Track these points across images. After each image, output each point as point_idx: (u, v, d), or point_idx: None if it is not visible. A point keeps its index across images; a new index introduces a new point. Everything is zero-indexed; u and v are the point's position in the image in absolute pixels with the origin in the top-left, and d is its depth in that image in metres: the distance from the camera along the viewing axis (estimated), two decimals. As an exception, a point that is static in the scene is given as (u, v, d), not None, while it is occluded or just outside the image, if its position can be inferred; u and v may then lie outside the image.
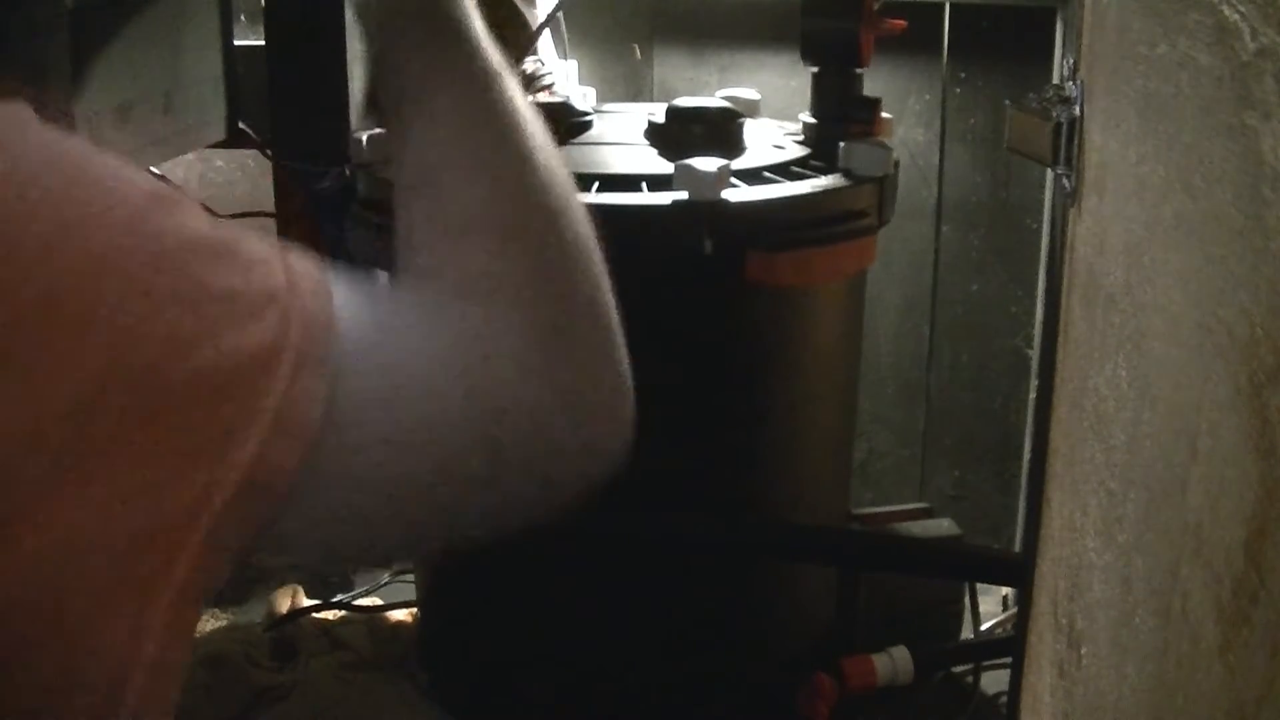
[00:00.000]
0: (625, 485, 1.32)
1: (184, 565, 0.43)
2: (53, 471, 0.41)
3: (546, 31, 1.62)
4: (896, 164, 1.28)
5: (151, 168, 1.63)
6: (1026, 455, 1.82)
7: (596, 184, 1.17)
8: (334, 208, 1.38)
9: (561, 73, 1.61)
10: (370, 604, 1.58)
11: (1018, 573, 1.18)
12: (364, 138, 1.29)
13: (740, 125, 1.30)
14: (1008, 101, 0.87)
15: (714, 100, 1.33)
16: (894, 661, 1.33)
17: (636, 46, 1.84)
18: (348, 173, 1.35)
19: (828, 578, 1.42)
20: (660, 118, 1.29)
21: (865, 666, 1.32)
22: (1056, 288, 0.86)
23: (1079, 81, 0.77)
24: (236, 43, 1.64)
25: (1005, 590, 1.64)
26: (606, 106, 1.49)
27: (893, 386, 1.89)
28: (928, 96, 1.77)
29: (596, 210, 1.20)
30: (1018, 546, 1.79)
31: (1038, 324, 1.79)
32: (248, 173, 2.03)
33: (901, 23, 1.30)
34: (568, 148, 1.29)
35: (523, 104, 0.60)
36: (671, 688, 1.29)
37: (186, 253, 0.46)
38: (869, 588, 1.43)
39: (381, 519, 0.50)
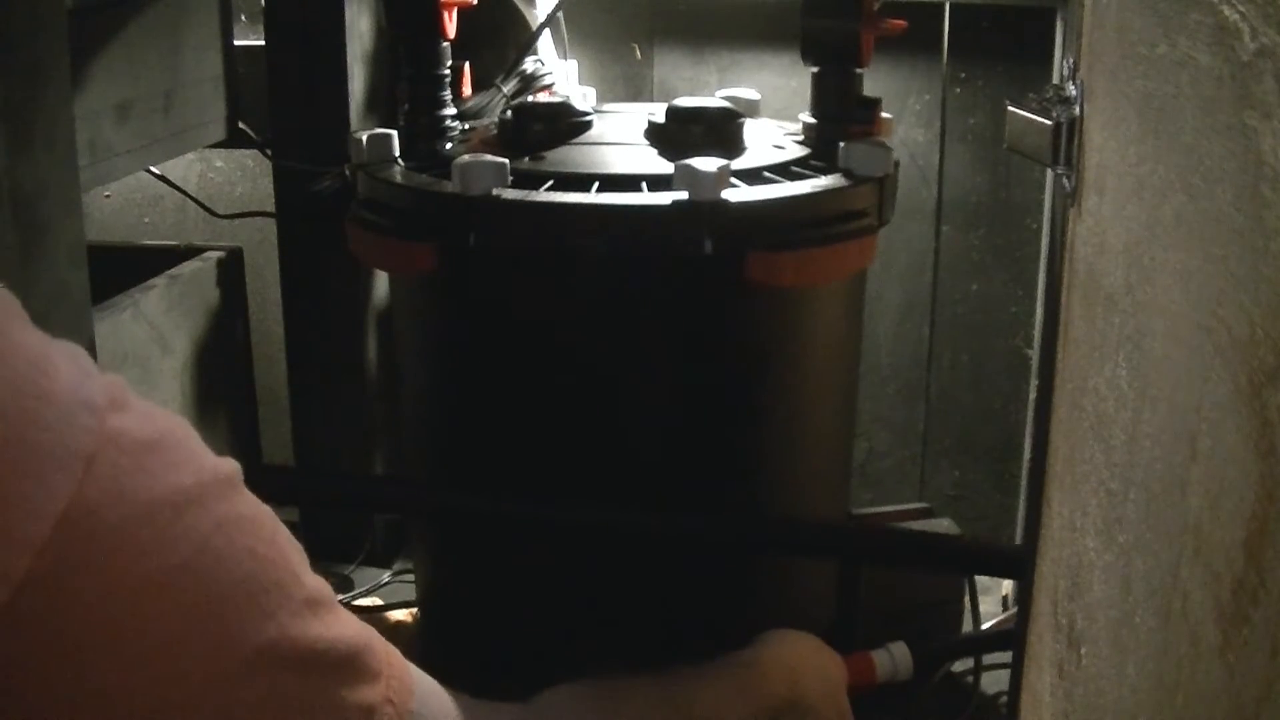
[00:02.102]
0: (625, 485, 1.32)
1: None
2: None
3: (546, 31, 1.62)
4: (896, 164, 1.28)
5: (152, 167, 1.63)
6: (1026, 455, 1.82)
7: (596, 184, 1.17)
8: (334, 208, 1.38)
9: (561, 73, 1.62)
10: (370, 604, 1.59)
11: (1016, 565, 1.18)
12: (364, 138, 1.29)
13: (740, 125, 1.30)
14: (1008, 101, 0.87)
15: (714, 100, 1.33)
16: (893, 658, 1.33)
17: (636, 46, 1.84)
18: (348, 173, 1.35)
19: (827, 577, 1.42)
20: (660, 118, 1.29)
21: (864, 663, 1.32)
22: (1056, 288, 0.86)
23: (1079, 81, 0.77)
24: (236, 43, 1.64)
25: (1005, 590, 1.64)
26: (606, 106, 1.49)
27: (893, 386, 1.89)
28: (928, 96, 1.77)
29: (597, 210, 1.20)
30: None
31: (1038, 324, 1.79)
32: (248, 173, 2.03)
33: (901, 23, 1.29)
34: (568, 147, 1.29)
35: None
36: (671, 688, 1.29)
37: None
38: (868, 587, 1.43)
39: None
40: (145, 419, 0.50)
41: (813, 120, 1.33)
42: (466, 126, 1.40)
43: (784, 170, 1.24)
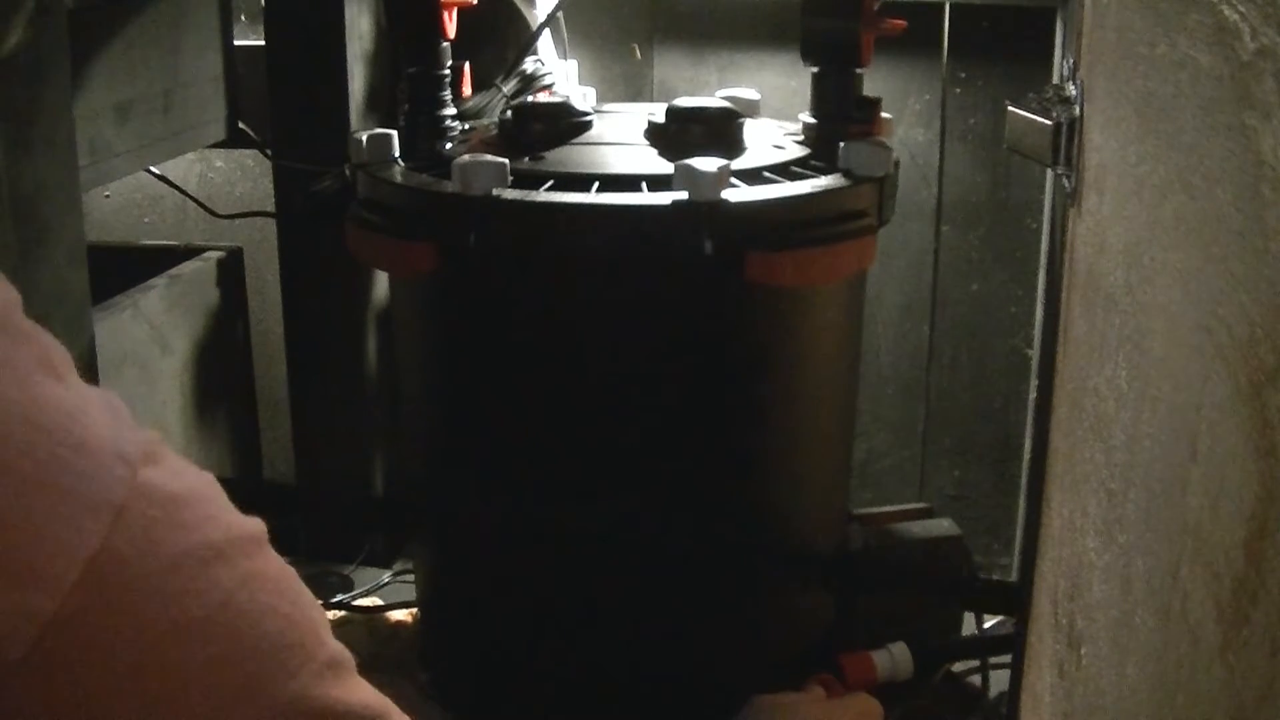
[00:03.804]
0: (625, 484, 1.32)
1: None
2: None
3: (546, 31, 1.62)
4: (896, 164, 1.28)
5: (152, 167, 1.63)
6: (1026, 455, 1.82)
7: (596, 184, 1.17)
8: (334, 208, 1.38)
9: (561, 73, 1.62)
10: (370, 604, 1.59)
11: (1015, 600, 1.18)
12: (364, 138, 1.29)
13: (740, 125, 1.30)
14: (1008, 101, 0.87)
15: (714, 100, 1.33)
16: (893, 657, 1.33)
17: (636, 46, 1.84)
18: (348, 173, 1.35)
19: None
20: (660, 118, 1.29)
21: (864, 662, 1.32)
22: (1056, 288, 0.87)
23: (1079, 81, 0.78)
24: (236, 43, 1.64)
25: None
26: (606, 106, 1.49)
27: (893, 386, 1.89)
28: (928, 96, 1.77)
29: (597, 210, 1.20)
30: (1018, 546, 1.79)
31: (1038, 324, 1.79)
32: (248, 173, 2.03)
33: (901, 23, 1.29)
34: (568, 147, 1.29)
35: None
36: (671, 686, 1.29)
37: None
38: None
39: None
40: (177, 474, 0.51)
41: (813, 120, 1.33)
42: (466, 126, 1.40)
43: (784, 170, 1.24)
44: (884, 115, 1.35)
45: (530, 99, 1.44)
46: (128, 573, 0.46)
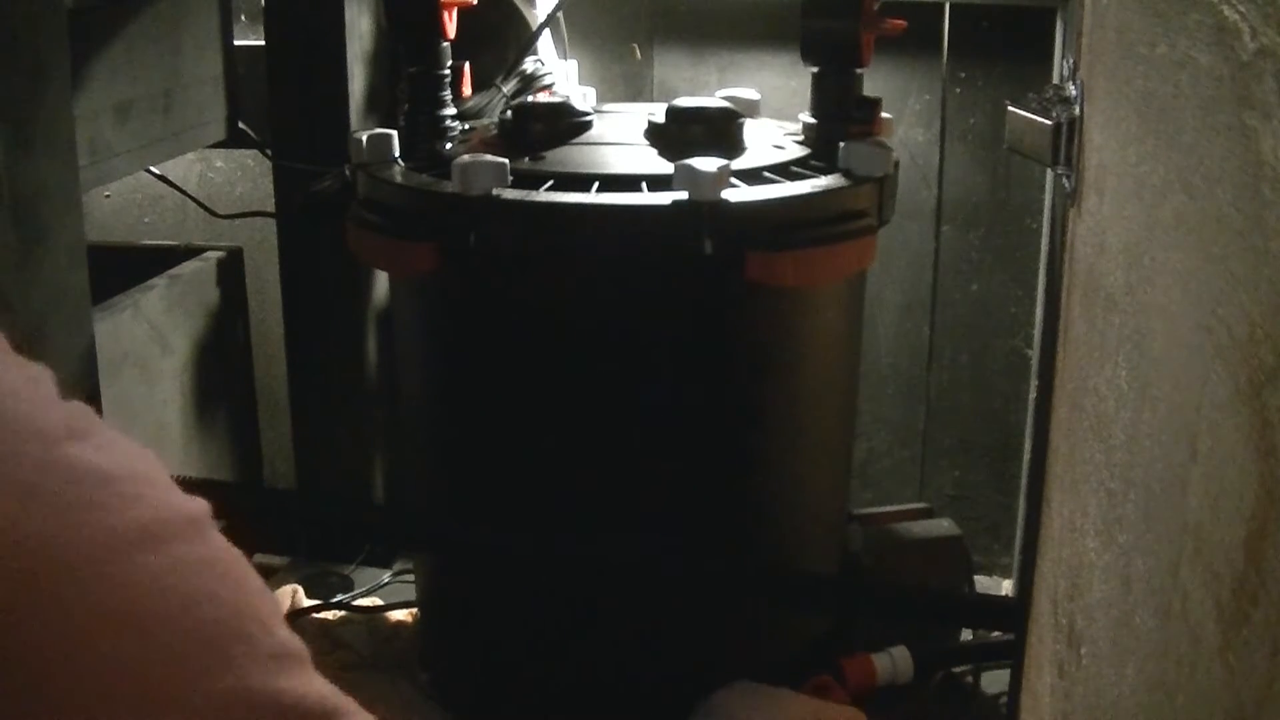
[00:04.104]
0: (624, 484, 1.32)
1: None
2: None
3: (546, 31, 1.62)
4: (896, 164, 1.28)
5: (152, 167, 1.63)
6: (1026, 455, 1.82)
7: (596, 184, 1.17)
8: (334, 208, 1.38)
9: (561, 73, 1.62)
10: (370, 604, 1.59)
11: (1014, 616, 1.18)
12: (364, 138, 1.29)
13: (740, 125, 1.30)
14: (1008, 101, 0.87)
15: (714, 100, 1.33)
16: (894, 661, 1.33)
17: (636, 46, 1.84)
18: (348, 173, 1.35)
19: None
20: (660, 118, 1.29)
21: (865, 666, 1.32)
22: (1056, 288, 0.86)
23: (1079, 81, 0.78)
24: (236, 43, 1.64)
25: (1005, 589, 1.64)
26: (606, 106, 1.49)
27: (893, 386, 1.89)
28: (928, 96, 1.77)
29: (597, 210, 1.20)
30: (1018, 546, 1.79)
31: (1038, 324, 1.79)
32: (248, 173, 2.03)
33: (901, 23, 1.29)
34: (568, 147, 1.29)
35: None
36: (671, 688, 1.29)
37: None
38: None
39: None
40: (106, 450, 0.47)
41: (813, 120, 1.33)
42: (466, 126, 1.40)
43: (784, 170, 1.24)
44: (884, 115, 1.35)
45: (530, 99, 1.44)
46: (40, 560, 0.43)
